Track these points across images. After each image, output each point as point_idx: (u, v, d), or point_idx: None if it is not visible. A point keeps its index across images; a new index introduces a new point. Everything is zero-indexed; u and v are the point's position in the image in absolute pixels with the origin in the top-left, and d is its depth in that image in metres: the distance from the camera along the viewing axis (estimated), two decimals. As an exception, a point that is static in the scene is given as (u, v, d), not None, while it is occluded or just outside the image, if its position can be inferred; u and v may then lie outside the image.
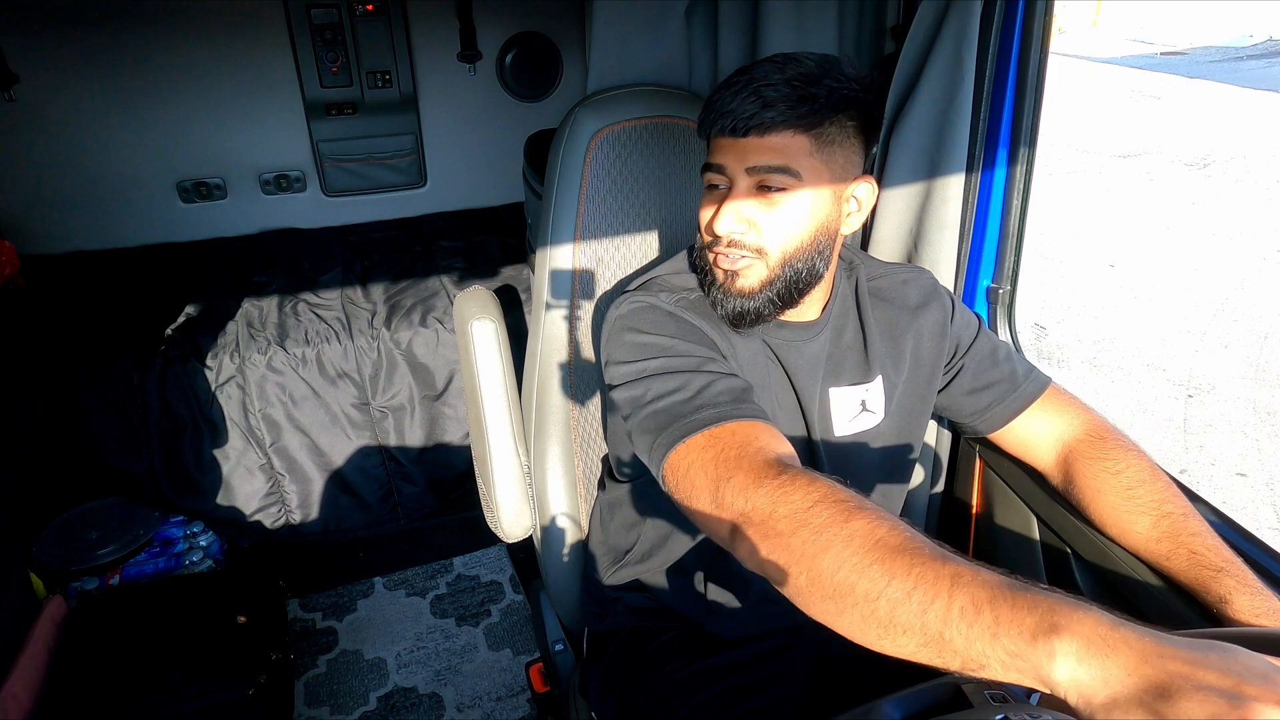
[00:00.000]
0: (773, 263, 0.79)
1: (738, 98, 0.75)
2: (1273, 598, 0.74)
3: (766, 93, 0.74)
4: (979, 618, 0.50)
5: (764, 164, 0.76)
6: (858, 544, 0.56)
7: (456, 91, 2.55)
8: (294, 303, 2.06)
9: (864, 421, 0.92)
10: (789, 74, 0.75)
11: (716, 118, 0.78)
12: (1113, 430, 0.91)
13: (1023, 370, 0.96)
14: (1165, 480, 0.85)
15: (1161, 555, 0.81)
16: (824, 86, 0.75)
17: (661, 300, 0.83)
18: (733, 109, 0.76)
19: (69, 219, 2.30)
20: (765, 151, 0.76)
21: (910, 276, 0.96)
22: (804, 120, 0.75)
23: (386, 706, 1.63)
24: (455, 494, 2.13)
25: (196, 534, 1.84)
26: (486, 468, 1.15)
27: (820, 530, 0.58)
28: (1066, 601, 0.48)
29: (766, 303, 0.81)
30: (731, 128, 0.76)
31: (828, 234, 0.81)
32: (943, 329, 0.94)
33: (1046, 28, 1.03)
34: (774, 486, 0.62)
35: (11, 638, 1.36)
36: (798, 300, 0.83)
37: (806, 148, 0.76)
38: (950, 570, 0.53)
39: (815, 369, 0.89)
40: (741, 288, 0.80)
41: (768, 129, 0.75)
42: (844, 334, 0.92)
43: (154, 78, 2.24)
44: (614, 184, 1.03)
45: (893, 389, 0.93)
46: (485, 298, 1.17)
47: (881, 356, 0.92)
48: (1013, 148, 1.09)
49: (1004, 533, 1.09)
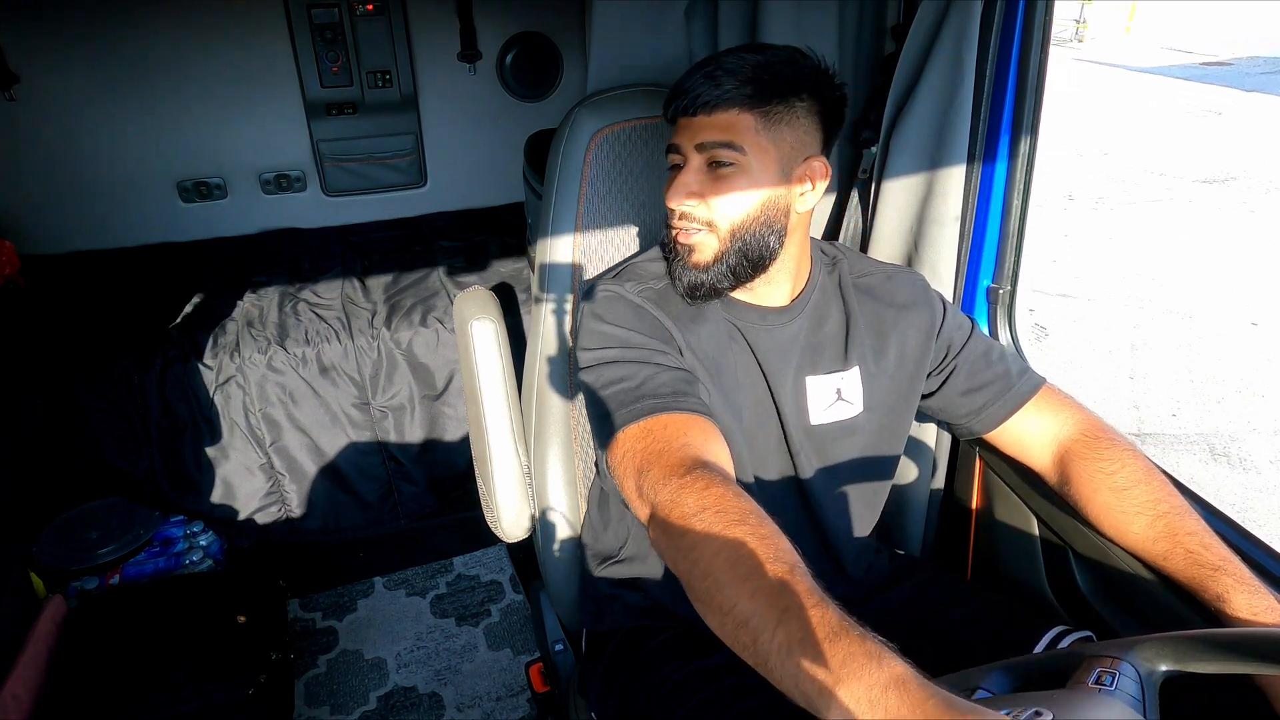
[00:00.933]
0: (722, 234, 0.83)
1: (692, 78, 0.81)
2: (1270, 595, 0.73)
3: (717, 74, 0.79)
4: (789, 658, 0.52)
5: (710, 140, 0.80)
6: (724, 558, 0.58)
7: (457, 91, 2.55)
8: (294, 302, 2.06)
9: (840, 411, 0.93)
10: (748, 60, 0.80)
11: (673, 98, 0.83)
12: (1107, 430, 0.91)
13: (1017, 370, 0.97)
14: (1161, 479, 0.85)
15: (1158, 555, 0.81)
16: (772, 69, 0.79)
17: (626, 290, 0.87)
18: (687, 88, 0.81)
19: (69, 219, 2.30)
20: (712, 129, 0.80)
21: (900, 275, 0.98)
22: (750, 99, 0.79)
23: (386, 706, 1.63)
24: (455, 494, 2.13)
25: (196, 534, 1.84)
26: (486, 468, 1.15)
27: (700, 537, 0.61)
28: (867, 652, 0.50)
29: (720, 275, 0.84)
30: (684, 107, 0.81)
31: (778, 209, 0.84)
32: (930, 331, 0.95)
33: (1047, 27, 1.03)
34: (678, 485, 0.66)
35: (12, 637, 1.36)
36: (753, 275, 0.86)
37: (752, 125, 0.80)
38: (784, 604, 0.54)
39: (788, 355, 0.91)
40: (697, 261, 0.85)
41: (715, 107, 0.80)
42: (825, 324, 0.93)
43: (154, 77, 2.24)
44: (613, 184, 1.03)
45: (872, 380, 0.94)
46: (485, 298, 1.17)
47: (862, 349, 0.93)
48: (1013, 147, 1.09)
49: (1004, 532, 1.09)
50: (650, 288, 0.89)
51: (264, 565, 1.89)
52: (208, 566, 1.79)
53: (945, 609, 0.98)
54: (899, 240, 1.18)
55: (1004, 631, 0.92)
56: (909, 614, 0.99)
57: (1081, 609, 0.97)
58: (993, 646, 0.91)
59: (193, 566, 1.76)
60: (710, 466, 0.69)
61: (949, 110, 1.06)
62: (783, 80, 0.80)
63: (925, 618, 0.98)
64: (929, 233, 1.14)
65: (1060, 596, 1.01)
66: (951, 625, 0.96)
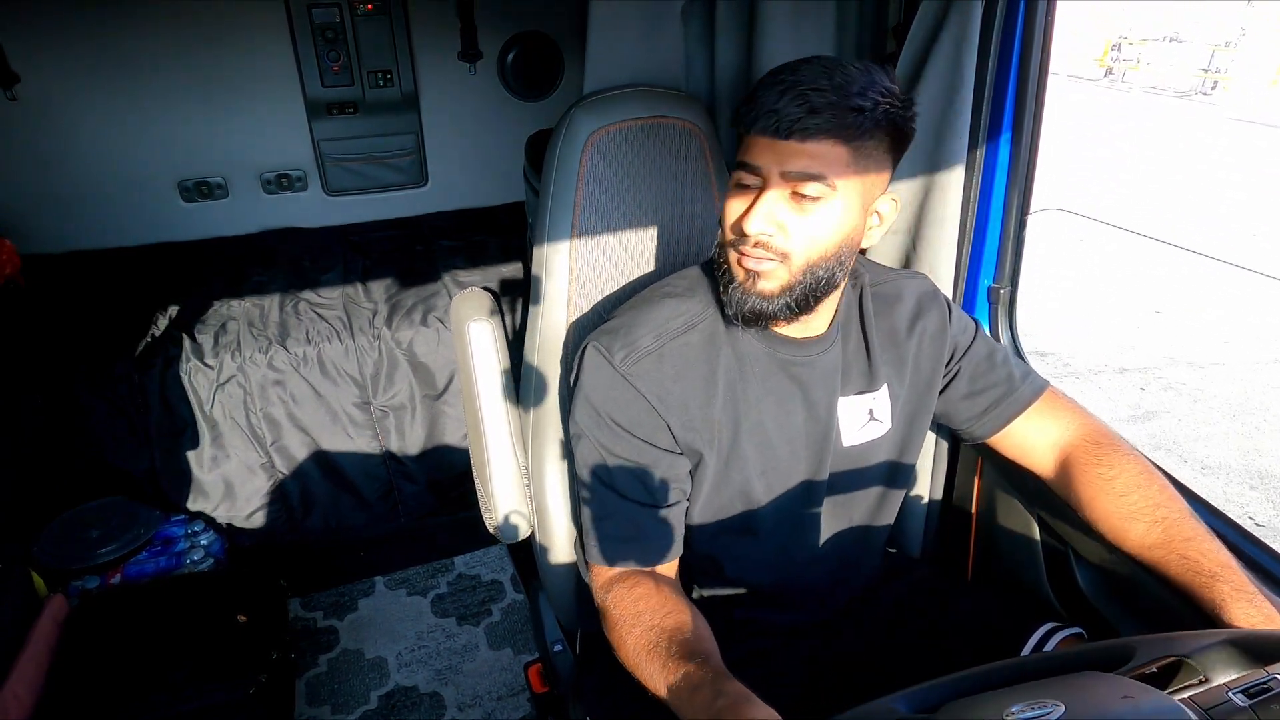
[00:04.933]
0: (795, 268, 0.78)
1: (784, 98, 0.73)
2: (1269, 605, 0.73)
3: (814, 98, 0.72)
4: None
5: (802, 170, 0.75)
6: (644, 656, 0.75)
7: (457, 91, 2.55)
8: (295, 302, 2.06)
9: (872, 430, 0.92)
10: (837, 80, 0.73)
11: (759, 115, 0.75)
12: (1109, 434, 0.91)
13: (1020, 374, 0.96)
14: (1161, 484, 0.85)
15: (1155, 560, 0.81)
16: (870, 99, 0.74)
17: (618, 359, 0.83)
18: (778, 109, 0.73)
19: (69, 219, 2.30)
20: (805, 157, 0.74)
21: (910, 282, 0.96)
22: (847, 131, 0.74)
23: (387, 706, 1.63)
24: (456, 493, 2.13)
25: (197, 533, 1.84)
26: (484, 469, 1.15)
27: (627, 642, 0.78)
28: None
29: (783, 307, 0.80)
30: (774, 128, 0.74)
31: (850, 246, 0.80)
32: (941, 332, 0.94)
33: (1048, 27, 1.02)
34: (611, 599, 0.83)
35: (13, 637, 1.36)
36: (813, 308, 0.82)
37: (845, 159, 0.75)
38: (692, 684, 0.68)
39: (831, 381, 0.89)
40: (762, 289, 0.79)
41: (810, 135, 0.73)
42: (849, 342, 0.92)
43: (155, 77, 2.24)
44: (610, 184, 1.03)
45: (897, 397, 0.93)
46: (483, 298, 1.17)
47: (884, 365, 0.92)
48: (1013, 147, 1.09)
49: (1004, 534, 1.09)
50: (656, 348, 0.84)
51: (265, 565, 1.89)
52: (209, 566, 1.79)
53: (939, 606, 0.98)
54: (898, 240, 1.18)
55: (997, 629, 0.93)
56: (905, 611, 1.00)
57: (1083, 609, 0.97)
58: (985, 644, 0.91)
59: (194, 566, 1.76)
60: (642, 582, 0.82)
61: (949, 110, 1.06)
62: (879, 112, 0.74)
63: (919, 615, 0.98)
64: (929, 233, 1.14)
65: (1061, 597, 1.01)
66: (945, 622, 0.96)
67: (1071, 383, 3.39)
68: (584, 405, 0.85)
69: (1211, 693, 0.54)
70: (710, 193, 1.10)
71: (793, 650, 0.95)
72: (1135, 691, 0.53)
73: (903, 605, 1.00)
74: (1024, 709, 0.50)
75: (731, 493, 0.89)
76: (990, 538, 1.13)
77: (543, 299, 1.04)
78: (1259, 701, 0.51)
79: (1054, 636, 0.89)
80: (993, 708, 0.52)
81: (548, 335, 1.05)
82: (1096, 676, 0.56)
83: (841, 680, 0.95)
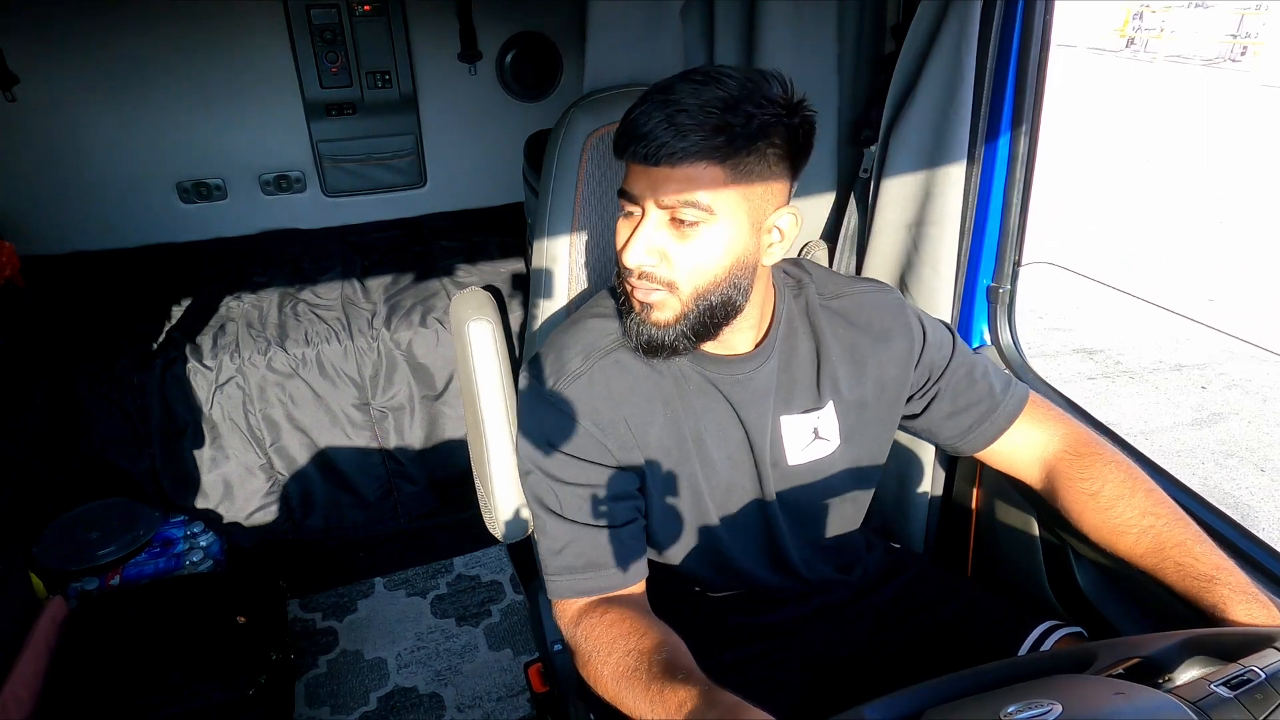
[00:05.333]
0: (685, 296, 0.75)
1: (651, 122, 0.70)
2: (1270, 604, 0.72)
3: (680, 119, 0.69)
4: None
5: (676, 197, 0.71)
6: (620, 685, 0.73)
7: (456, 91, 2.55)
8: (294, 303, 2.06)
9: (818, 449, 0.90)
10: (705, 98, 0.69)
11: (628, 142, 0.72)
12: (1091, 442, 0.89)
13: (1001, 386, 0.93)
14: (1146, 489, 0.83)
15: (1149, 568, 0.80)
16: (742, 113, 0.69)
17: (548, 385, 0.81)
18: (645, 134, 0.70)
19: (69, 219, 2.30)
20: (677, 183, 0.71)
21: (874, 296, 0.91)
22: (718, 151, 0.70)
23: (387, 707, 1.63)
24: (455, 493, 2.13)
25: (197, 534, 1.84)
26: (484, 469, 1.15)
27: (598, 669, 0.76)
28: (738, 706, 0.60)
29: (680, 336, 0.78)
30: (644, 154, 0.71)
31: (744, 267, 0.76)
32: (909, 359, 0.90)
33: (1047, 26, 1.02)
34: (580, 633, 0.81)
35: (12, 638, 1.36)
36: (715, 334, 0.80)
37: (721, 179, 0.71)
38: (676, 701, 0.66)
39: (764, 400, 0.86)
40: (656, 320, 0.77)
41: (680, 160, 0.70)
42: (794, 357, 0.88)
43: (154, 78, 2.24)
44: (609, 184, 1.03)
45: (847, 413, 0.90)
46: (482, 298, 1.17)
47: (835, 380, 0.88)
48: (1013, 147, 1.09)
49: (1004, 533, 1.09)
50: (585, 370, 0.82)
51: (264, 566, 1.89)
52: (208, 567, 1.79)
53: (938, 603, 0.98)
54: (899, 239, 1.18)
55: (995, 626, 0.92)
56: (902, 608, 1.00)
57: (1083, 608, 0.97)
58: (984, 641, 0.91)
59: (193, 567, 1.76)
60: (610, 609, 0.80)
61: (949, 109, 1.06)
62: (754, 125, 0.70)
63: (918, 611, 0.98)
64: (929, 232, 1.14)
65: (1061, 595, 1.01)
66: (943, 619, 0.96)
67: (1125, 384, 3.11)
68: (524, 439, 0.84)
69: (1193, 687, 0.54)
70: (710, 192, 1.10)
71: (791, 650, 0.95)
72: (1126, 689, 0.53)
73: (902, 602, 1.00)
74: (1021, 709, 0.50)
75: (688, 510, 0.88)
76: (990, 535, 1.13)
77: (542, 298, 1.04)
78: (1243, 692, 0.52)
79: (1052, 635, 0.89)
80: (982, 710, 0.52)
81: (547, 335, 1.05)
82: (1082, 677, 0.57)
83: (841, 678, 0.95)
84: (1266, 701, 0.51)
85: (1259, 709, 0.51)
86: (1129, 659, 0.59)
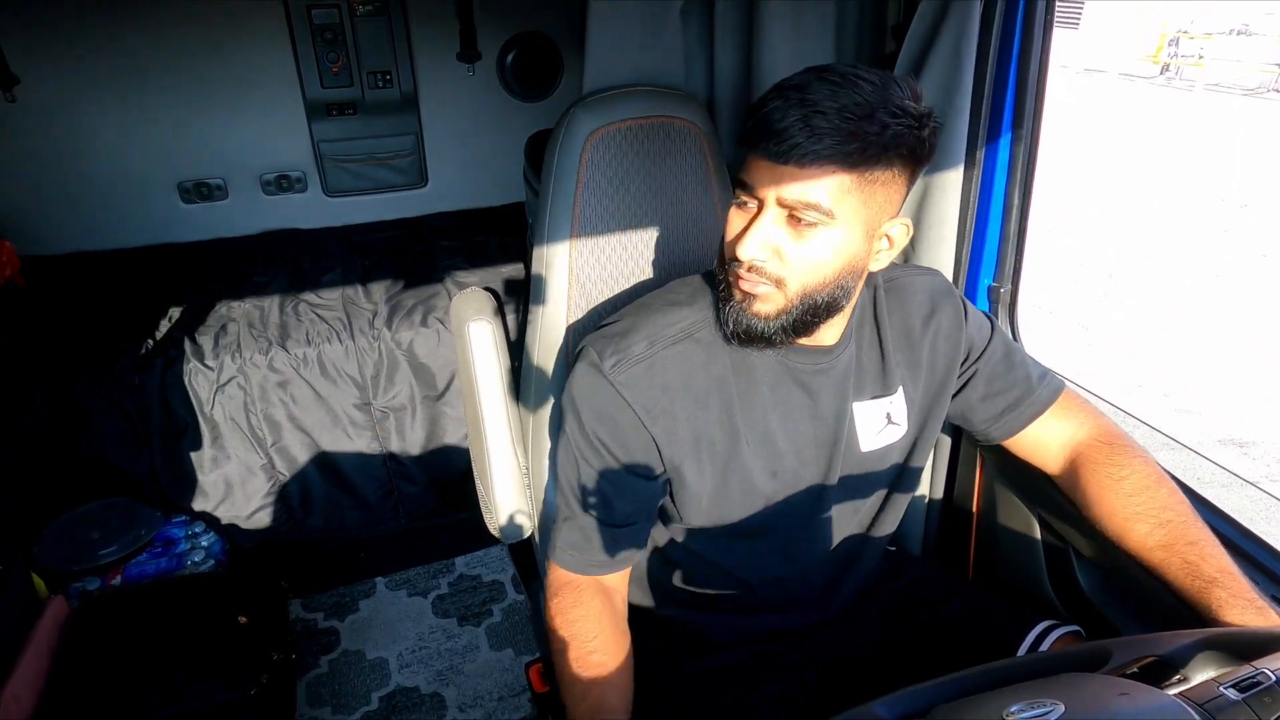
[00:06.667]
0: (791, 294, 0.75)
1: (787, 119, 0.69)
2: (1268, 610, 0.73)
3: (817, 121, 0.68)
4: None
5: (799, 198, 0.71)
6: (568, 680, 0.83)
7: (457, 92, 2.55)
8: (295, 303, 2.06)
9: (890, 434, 0.91)
10: (842, 101, 0.68)
11: (759, 137, 0.71)
12: (1121, 436, 0.91)
13: (1036, 375, 0.94)
14: (1170, 487, 0.85)
15: (1157, 562, 0.81)
16: (877, 122, 0.68)
17: (608, 366, 0.81)
18: (779, 131, 0.69)
19: (69, 219, 2.30)
20: (802, 183, 0.70)
21: (921, 279, 0.93)
22: (850, 158, 0.69)
23: (388, 706, 1.63)
24: (456, 493, 2.13)
25: (198, 534, 1.84)
26: (485, 469, 1.15)
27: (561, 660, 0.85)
28: None
29: (779, 330, 0.78)
30: (773, 152, 0.70)
31: (853, 271, 0.76)
32: (957, 332, 0.91)
33: (1047, 26, 1.02)
34: (553, 609, 0.88)
35: (13, 638, 1.36)
36: (812, 331, 0.80)
37: (847, 185, 0.71)
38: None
39: (843, 386, 0.87)
40: (758, 311, 0.77)
41: (810, 161, 0.69)
42: (864, 344, 0.89)
43: (155, 78, 2.24)
44: (610, 184, 1.03)
45: (913, 399, 0.92)
46: (483, 299, 1.17)
47: (899, 367, 0.90)
48: (1013, 147, 1.09)
49: (1004, 533, 1.09)
50: (647, 356, 0.82)
51: (265, 565, 1.89)
52: (209, 567, 1.79)
53: (938, 603, 0.98)
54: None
55: (996, 626, 0.93)
56: (904, 610, 1.00)
57: (1084, 608, 0.97)
58: (985, 642, 0.91)
59: (194, 567, 1.76)
60: (583, 600, 0.87)
61: (948, 110, 1.06)
62: (887, 136, 0.69)
63: (919, 613, 0.98)
64: (929, 233, 1.14)
65: (1062, 596, 1.01)
66: (945, 621, 0.96)
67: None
68: (570, 409, 0.85)
69: (1202, 688, 0.54)
70: (710, 192, 1.10)
71: (796, 652, 0.95)
72: (1131, 689, 0.53)
73: (903, 604, 1.00)
74: (1024, 708, 0.50)
75: (733, 500, 0.88)
76: (991, 536, 1.13)
77: (543, 299, 1.04)
78: (1251, 695, 0.52)
79: (1050, 635, 0.89)
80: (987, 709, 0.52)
81: (548, 335, 1.05)
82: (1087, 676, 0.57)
83: (844, 680, 0.95)
84: (1275, 705, 0.50)
85: (1267, 712, 0.50)
86: (1144, 658, 0.59)
